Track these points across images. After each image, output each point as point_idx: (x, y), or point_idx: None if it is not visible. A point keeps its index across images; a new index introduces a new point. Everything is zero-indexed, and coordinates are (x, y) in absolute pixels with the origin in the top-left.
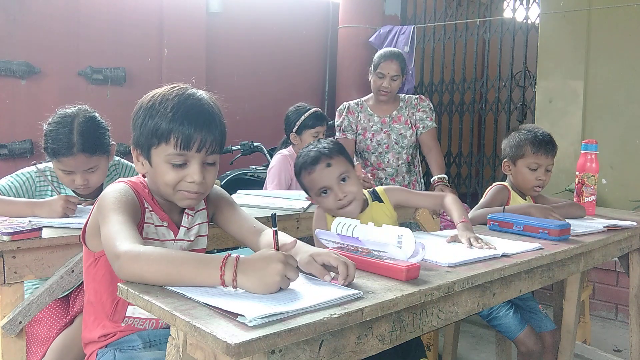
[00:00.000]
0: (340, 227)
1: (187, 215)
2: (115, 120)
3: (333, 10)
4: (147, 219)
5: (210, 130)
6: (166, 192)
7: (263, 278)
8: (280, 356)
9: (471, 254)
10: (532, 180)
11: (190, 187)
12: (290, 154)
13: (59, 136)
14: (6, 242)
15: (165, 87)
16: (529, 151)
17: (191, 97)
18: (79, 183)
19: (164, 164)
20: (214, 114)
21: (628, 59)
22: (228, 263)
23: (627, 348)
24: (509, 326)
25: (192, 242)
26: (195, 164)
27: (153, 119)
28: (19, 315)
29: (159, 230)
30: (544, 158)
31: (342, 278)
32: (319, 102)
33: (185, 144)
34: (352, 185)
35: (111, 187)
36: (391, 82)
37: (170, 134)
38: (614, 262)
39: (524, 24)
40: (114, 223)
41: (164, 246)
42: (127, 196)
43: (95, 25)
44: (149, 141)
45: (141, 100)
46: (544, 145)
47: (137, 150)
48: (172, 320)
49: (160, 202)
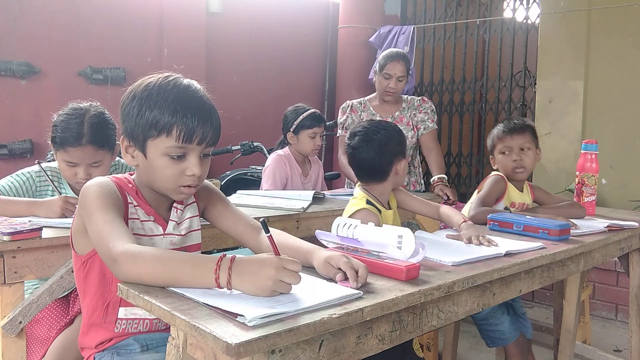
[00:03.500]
0: (340, 228)
1: (175, 210)
2: (115, 120)
3: (333, 10)
4: (132, 214)
5: (212, 123)
6: (163, 186)
7: (256, 282)
8: (280, 356)
9: (475, 252)
10: (509, 163)
11: (190, 180)
12: (286, 154)
13: (70, 126)
14: (6, 242)
15: (157, 76)
16: (497, 139)
17: (189, 88)
18: (82, 177)
19: (162, 157)
20: (212, 106)
21: (628, 59)
22: (223, 265)
23: (627, 348)
24: (505, 332)
25: (183, 236)
26: (194, 156)
27: (152, 110)
28: (19, 315)
29: (146, 226)
30: (510, 139)
31: (352, 281)
32: (318, 102)
33: (187, 137)
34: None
35: (91, 181)
36: (397, 82)
37: (173, 126)
38: (614, 262)
39: (524, 24)
40: (103, 222)
41: (152, 241)
42: (109, 190)
43: (95, 25)
44: (145, 133)
45: (132, 90)
46: (509, 128)
47: (130, 141)
48: (172, 320)
49: (147, 197)
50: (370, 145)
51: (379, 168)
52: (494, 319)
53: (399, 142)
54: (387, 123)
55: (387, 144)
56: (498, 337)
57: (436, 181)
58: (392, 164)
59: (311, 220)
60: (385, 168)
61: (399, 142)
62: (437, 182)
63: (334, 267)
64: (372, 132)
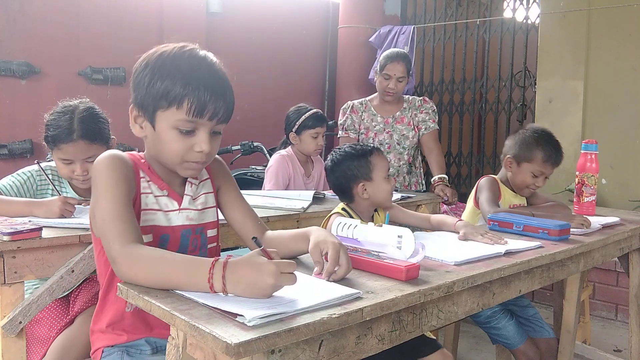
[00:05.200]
0: (341, 228)
1: (190, 184)
2: (116, 120)
3: (333, 10)
4: (144, 188)
5: (225, 99)
6: (170, 160)
7: (254, 290)
8: (280, 356)
9: (476, 251)
10: (531, 185)
11: (198, 157)
12: (289, 154)
13: (60, 123)
14: (6, 242)
15: (172, 46)
16: (538, 158)
17: (205, 60)
18: (79, 173)
19: (171, 130)
20: (227, 81)
21: (628, 59)
22: (215, 273)
23: (627, 348)
24: (509, 337)
25: (200, 212)
26: (204, 132)
27: (164, 81)
28: (19, 315)
29: (160, 201)
30: (550, 168)
31: (325, 274)
32: (319, 101)
33: (198, 111)
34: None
35: (103, 155)
36: (397, 83)
37: (184, 98)
38: (614, 262)
39: (524, 24)
40: (107, 213)
41: (168, 217)
42: (120, 164)
43: (95, 26)
44: (155, 103)
45: (146, 58)
46: (554, 157)
47: (139, 111)
48: (171, 320)
49: (159, 172)
50: (331, 169)
51: (341, 191)
52: (495, 322)
53: (358, 166)
54: (352, 147)
55: (346, 168)
56: (502, 342)
57: (437, 181)
58: (351, 187)
59: (311, 220)
60: (346, 191)
61: (358, 167)
62: (437, 182)
63: (320, 254)
64: (337, 156)
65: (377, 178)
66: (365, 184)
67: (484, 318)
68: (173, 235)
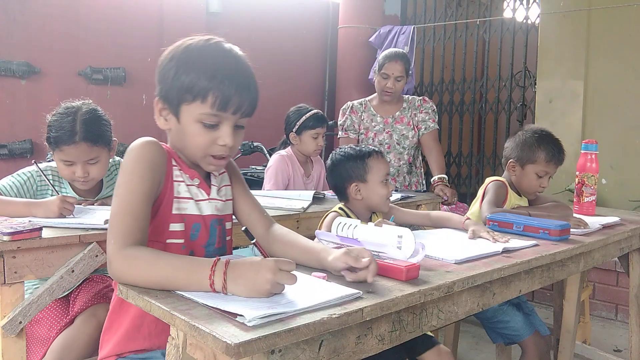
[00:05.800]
0: (341, 228)
1: (213, 176)
2: (116, 120)
3: (333, 10)
4: (176, 177)
5: (250, 93)
6: (193, 153)
7: (253, 287)
8: (280, 356)
9: (476, 249)
10: (536, 187)
11: (222, 150)
12: (288, 154)
13: (62, 125)
14: (6, 242)
15: (199, 38)
16: (542, 159)
17: (230, 53)
18: (80, 175)
19: (195, 123)
20: (252, 75)
21: (628, 59)
22: (217, 270)
23: (627, 348)
24: (518, 329)
25: (224, 202)
26: (227, 126)
27: (189, 74)
28: (19, 315)
29: (192, 190)
30: (553, 168)
31: (370, 274)
32: (319, 102)
33: (222, 105)
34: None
35: (139, 143)
36: (395, 82)
37: (209, 92)
38: (614, 262)
39: (524, 24)
40: (123, 202)
41: (199, 206)
42: (153, 154)
43: (95, 26)
44: (180, 96)
45: (172, 50)
46: (557, 156)
47: (164, 104)
48: (171, 320)
49: (186, 162)
50: (330, 169)
51: (337, 191)
52: (502, 316)
53: (353, 167)
54: (352, 147)
55: (342, 168)
56: (510, 334)
57: (436, 181)
58: (345, 188)
59: (311, 220)
60: (341, 191)
61: (353, 167)
62: (437, 182)
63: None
64: (337, 156)
65: (372, 181)
66: (359, 185)
67: (491, 312)
68: (204, 224)
